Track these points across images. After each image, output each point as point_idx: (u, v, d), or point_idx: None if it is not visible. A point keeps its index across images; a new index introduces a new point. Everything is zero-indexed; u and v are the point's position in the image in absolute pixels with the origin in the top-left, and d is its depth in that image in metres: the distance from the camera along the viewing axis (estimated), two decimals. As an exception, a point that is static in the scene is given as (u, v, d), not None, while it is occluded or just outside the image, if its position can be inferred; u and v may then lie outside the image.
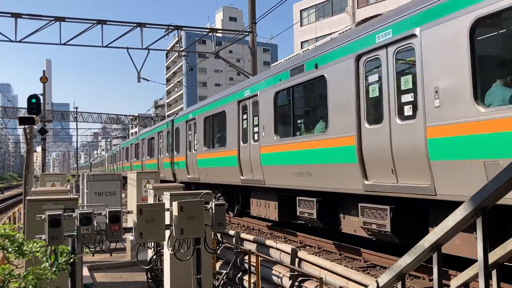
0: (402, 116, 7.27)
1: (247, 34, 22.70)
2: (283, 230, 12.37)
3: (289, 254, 8.86)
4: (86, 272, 9.68)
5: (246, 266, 9.01)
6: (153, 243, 7.71)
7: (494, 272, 3.60)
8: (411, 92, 7.12)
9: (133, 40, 23.24)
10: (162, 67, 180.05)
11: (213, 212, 6.92)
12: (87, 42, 31.58)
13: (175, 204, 6.60)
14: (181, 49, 38.90)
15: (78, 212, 6.16)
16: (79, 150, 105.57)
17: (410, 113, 7.12)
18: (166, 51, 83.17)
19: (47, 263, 5.26)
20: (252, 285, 8.60)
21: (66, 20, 21.26)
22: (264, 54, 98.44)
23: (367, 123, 8.02)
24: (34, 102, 16.00)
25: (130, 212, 8.13)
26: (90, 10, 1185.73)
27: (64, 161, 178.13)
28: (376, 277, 6.86)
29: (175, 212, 6.56)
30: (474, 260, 3.69)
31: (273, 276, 8.34)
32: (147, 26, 22.62)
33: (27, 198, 7.51)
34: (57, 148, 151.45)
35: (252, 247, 9.99)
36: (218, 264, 10.41)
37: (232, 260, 9.73)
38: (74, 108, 60.44)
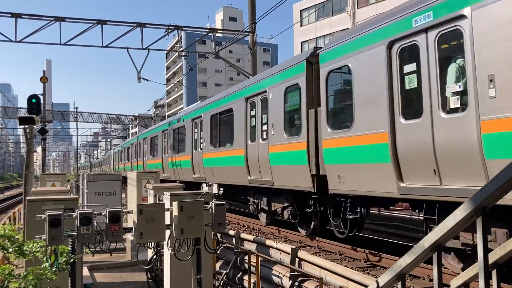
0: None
1: (247, 34, 22.69)
2: (284, 230, 12.37)
3: (289, 254, 8.86)
4: (86, 272, 9.69)
5: (246, 266, 9.01)
6: (153, 243, 7.70)
7: (494, 272, 3.60)
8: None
9: (133, 40, 23.30)
10: (162, 67, 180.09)
11: (213, 212, 6.92)
12: (87, 42, 31.84)
13: (175, 204, 6.60)
14: (181, 49, 38.89)
15: (78, 212, 6.16)
16: (79, 150, 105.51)
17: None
18: (166, 51, 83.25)
19: (47, 263, 5.26)
20: (252, 285, 8.60)
21: (66, 20, 21.27)
22: (264, 54, 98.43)
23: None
24: (34, 102, 15.99)
25: (130, 212, 8.13)
26: (90, 10, 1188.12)
27: (64, 161, 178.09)
28: (376, 277, 6.86)
29: (175, 212, 6.56)
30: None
31: (273, 276, 8.34)
32: (147, 26, 22.63)
33: (27, 198, 7.51)
34: (57, 148, 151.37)
35: (252, 247, 9.99)
36: (218, 264, 10.41)
37: (232, 260, 9.73)
38: (74, 108, 60.54)
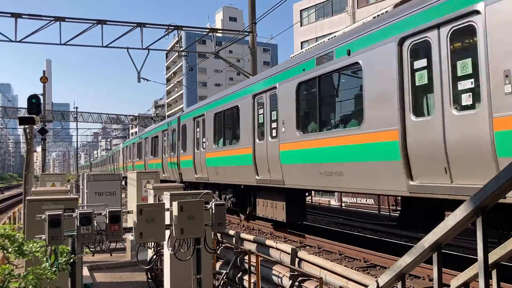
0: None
1: (247, 34, 22.69)
2: (283, 230, 12.37)
3: (289, 254, 8.86)
4: (86, 272, 9.69)
5: (246, 266, 9.01)
6: (153, 243, 7.71)
7: (494, 272, 3.60)
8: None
9: (133, 40, 23.30)
10: (162, 67, 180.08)
11: (213, 212, 6.92)
12: (87, 42, 31.66)
13: (175, 204, 6.60)
14: (181, 49, 38.89)
15: (78, 212, 6.16)
16: (79, 150, 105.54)
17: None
18: (166, 51, 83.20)
19: (47, 263, 5.26)
20: (252, 285, 8.60)
21: (66, 20, 21.26)
22: (264, 54, 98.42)
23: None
24: (34, 102, 16.00)
25: (130, 212, 8.14)
26: (90, 10, 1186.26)
27: (64, 161, 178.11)
28: (376, 277, 6.86)
29: (175, 212, 6.56)
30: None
31: (273, 276, 8.35)
32: (147, 26, 22.62)
33: (27, 198, 7.51)
34: (57, 148, 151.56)
35: (252, 247, 9.99)
36: (218, 264, 10.41)
37: (232, 260, 9.73)
38: (74, 108, 60.61)
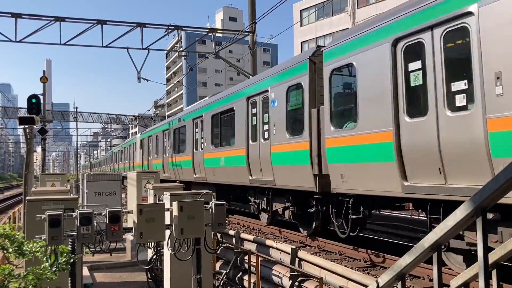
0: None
1: (247, 34, 22.69)
2: (284, 230, 12.37)
3: (289, 254, 8.86)
4: (86, 272, 9.68)
5: (246, 266, 9.01)
6: (153, 243, 7.71)
7: (494, 272, 3.60)
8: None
9: (133, 40, 23.27)
10: (162, 67, 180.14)
11: (213, 212, 6.92)
12: (87, 42, 31.80)
13: (175, 204, 6.60)
14: (181, 49, 38.88)
15: (78, 212, 6.16)
16: (79, 150, 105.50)
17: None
18: (166, 51, 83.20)
19: (47, 263, 5.26)
20: (252, 285, 8.60)
21: (66, 20, 21.25)
22: (264, 54, 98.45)
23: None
24: (34, 102, 16.00)
25: (130, 212, 8.13)
26: (90, 10, 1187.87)
27: (64, 161, 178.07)
28: (376, 277, 6.86)
29: (175, 212, 6.56)
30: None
31: (273, 276, 8.34)
32: (147, 26, 22.61)
33: (27, 198, 7.50)
34: (57, 148, 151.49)
35: (252, 247, 9.99)
36: (218, 264, 10.41)
37: (232, 260, 9.73)
38: (74, 108, 60.53)
